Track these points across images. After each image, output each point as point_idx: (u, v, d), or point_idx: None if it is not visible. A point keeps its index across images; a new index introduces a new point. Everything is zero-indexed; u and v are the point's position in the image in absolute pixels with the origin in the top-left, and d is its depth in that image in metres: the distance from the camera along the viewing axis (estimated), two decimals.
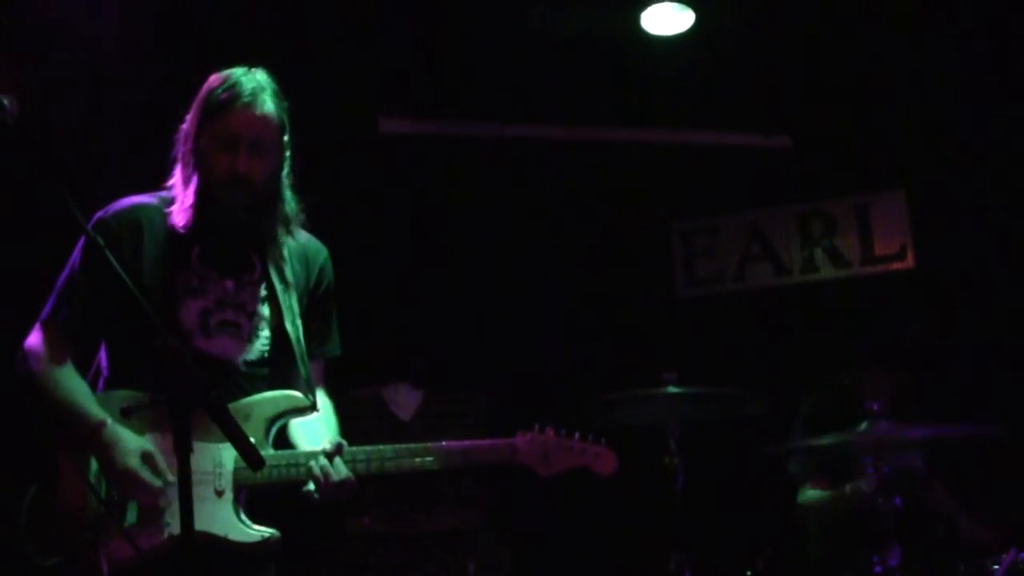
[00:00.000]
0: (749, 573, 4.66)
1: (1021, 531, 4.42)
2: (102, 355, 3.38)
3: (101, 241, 2.83)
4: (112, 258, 2.78)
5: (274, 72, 3.46)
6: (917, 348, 5.22)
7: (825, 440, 4.33)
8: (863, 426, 4.15)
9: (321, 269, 3.57)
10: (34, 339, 3.31)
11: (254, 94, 3.29)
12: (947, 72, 6.25)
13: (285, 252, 3.45)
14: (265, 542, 3.23)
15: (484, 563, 5.95)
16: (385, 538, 6.03)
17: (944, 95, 6.34)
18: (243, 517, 3.23)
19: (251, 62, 3.46)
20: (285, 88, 3.44)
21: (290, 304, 3.41)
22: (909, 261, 6.64)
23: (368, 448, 3.35)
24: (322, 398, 3.53)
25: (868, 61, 6.27)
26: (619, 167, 6.84)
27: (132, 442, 3.15)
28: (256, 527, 3.23)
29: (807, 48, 6.18)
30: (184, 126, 3.38)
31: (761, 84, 6.40)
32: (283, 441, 3.41)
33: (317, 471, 3.25)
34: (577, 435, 3.54)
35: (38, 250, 3.76)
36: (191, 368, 2.61)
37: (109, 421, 3.16)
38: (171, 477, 3.10)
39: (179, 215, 3.33)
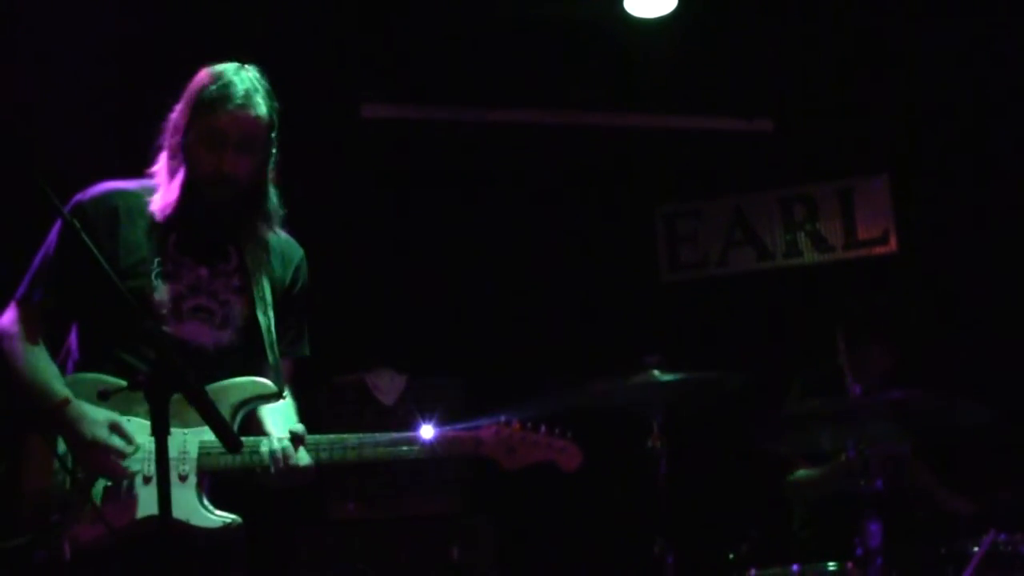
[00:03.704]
0: (733, 556, 4.67)
1: (1002, 508, 4.45)
2: (72, 338, 3.38)
3: (77, 224, 2.83)
4: (89, 241, 2.78)
5: (255, 57, 3.44)
6: (915, 325, 5.24)
7: (803, 407, 4.33)
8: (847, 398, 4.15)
9: (297, 269, 3.58)
10: (7, 318, 3.32)
11: (247, 96, 3.29)
12: (930, 57, 6.26)
13: (262, 246, 3.47)
14: (227, 528, 3.23)
15: (467, 547, 5.96)
16: (368, 524, 6.03)
17: (927, 80, 6.35)
18: (206, 503, 3.24)
19: (232, 44, 3.45)
20: (266, 72, 3.43)
21: (263, 295, 3.43)
22: (892, 245, 6.65)
23: (331, 437, 3.36)
24: (287, 395, 3.52)
25: (851, 45, 6.28)
26: (602, 151, 6.83)
27: (99, 414, 3.16)
28: (218, 513, 3.24)
29: (790, 32, 6.19)
30: (173, 116, 3.37)
31: (744, 68, 6.40)
32: (249, 429, 3.41)
33: (278, 453, 3.25)
34: (543, 429, 3.53)
35: (15, 231, 3.75)
36: (170, 351, 2.60)
37: (73, 398, 3.16)
38: (139, 440, 3.13)
39: (161, 208, 3.34)
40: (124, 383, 2.73)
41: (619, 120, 6.83)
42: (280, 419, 3.42)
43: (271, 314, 3.43)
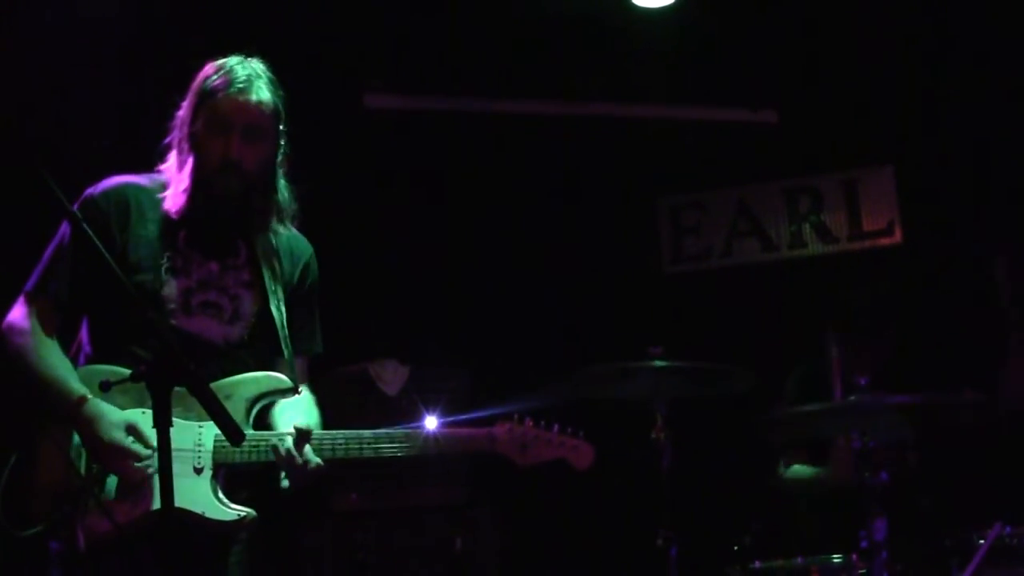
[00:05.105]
0: (737, 548, 4.66)
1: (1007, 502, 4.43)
2: (84, 331, 3.38)
3: (80, 216, 2.82)
4: (94, 237, 2.77)
5: (257, 45, 3.45)
6: (900, 319, 5.22)
7: (809, 408, 4.33)
8: (851, 398, 4.14)
9: (306, 266, 3.59)
10: (18, 312, 3.31)
11: (249, 80, 3.31)
12: (935, 47, 6.24)
13: (273, 241, 3.48)
14: (241, 521, 3.24)
15: (471, 538, 5.96)
16: (371, 514, 6.03)
17: (932, 71, 6.33)
18: (220, 495, 3.24)
19: (235, 35, 3.45)
20: (269, 62, 3.43)
21: (275, 289, 3.43)
22: (897, 237, 6.64)
23: (346, 432, 3.36)
24: (305, 391, 3.55)
25: (856, 36, 6.25)
26: (606, 142, 6.81)
27: (116, 415, 3.16)
28: (233, 506, 3.24)
29: (795, 22, 6.16)
30: (180, 113, 3.39)
31: (748, 58, 6.38)
32: (266, 424, 3.41)
33: (283, 454, 3.24)
34: (556, 427, 3.54)
35: (21, 225, 3.74)
36: (172, 343, 2.60)
37: (90, 396, 3.17)
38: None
39: (173, 201, 3.34)
40: (129, 372, 2.72)
41: (623, 111, 6.81)
42: (296, 416, 3.40)
43: (283, 309, 3.44)
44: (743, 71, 6.49)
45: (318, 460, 3.29)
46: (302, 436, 3.27)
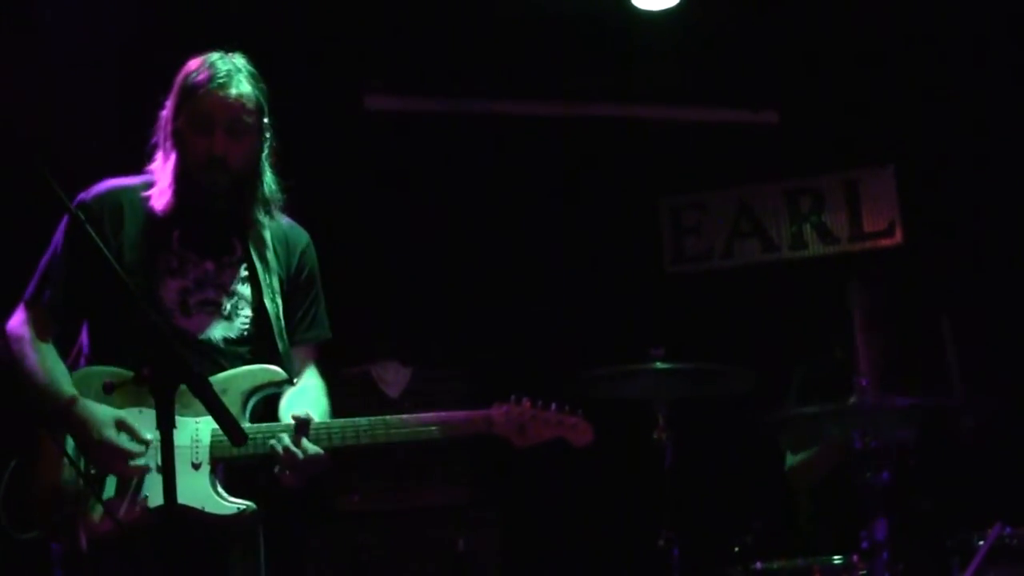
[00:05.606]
0: (738, 549, 4.66)
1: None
2: (83, 335, 3.39)
3: (82, 216, 2.83)
4: (93, 234, 2.78)
5: (257, 47, 3.46)
6: (902, 319, 5.22)
7: (813, 408, 4.33)
8: (851, 400, 4.14)
9: (302, 254, 3.58)
10: (17, 320, 3.34)
11: (228, 75, 3.32)
12: (936, 48, 6.24)
13: (266, 235, 3.48)
14: (241, 514, 3.23)
15: (473, 539, 5.96)
16: (374, 516, 6.03)
17: (932, 70, 6.33)
18: (219, 490, 3.24)
19: (234, 36, 3.46)
20: (269, 64, 3.44)
21: (270, 282, 3.44)
22: (898, 237, 6.64)
23: (342, 420, 3.36)
24: (313, 378, 3.55)
25: (856, 36, 6.25)
26: (607, 143, 6.81)
27: (105, 414, 3.18)
28: (232, 500, 3.24)
29: (795, 22, 6.16)
30: (164, 112, 3.40)
31: (749, 59, 6.38)
32: (272, 417, 3.40)
33: (279, 450, 3.23)
34: (554, 406, 3.50)
35: (17, 234, 3.75)
36: (173, 344, 2.60)
37: (80, 398, 3.19)
38: (149, 436, 3.14)
39: (158, 198, 3.36)
40: (131, 375, 2.73)
41: (624, 111, 6.81)
42: (299, 406, 3.38)
43: (279, 301, 3.44)
44: (744, 72, 6.49)
45: (316, 449, 3.26)
46: (300, 426, 3.26)
